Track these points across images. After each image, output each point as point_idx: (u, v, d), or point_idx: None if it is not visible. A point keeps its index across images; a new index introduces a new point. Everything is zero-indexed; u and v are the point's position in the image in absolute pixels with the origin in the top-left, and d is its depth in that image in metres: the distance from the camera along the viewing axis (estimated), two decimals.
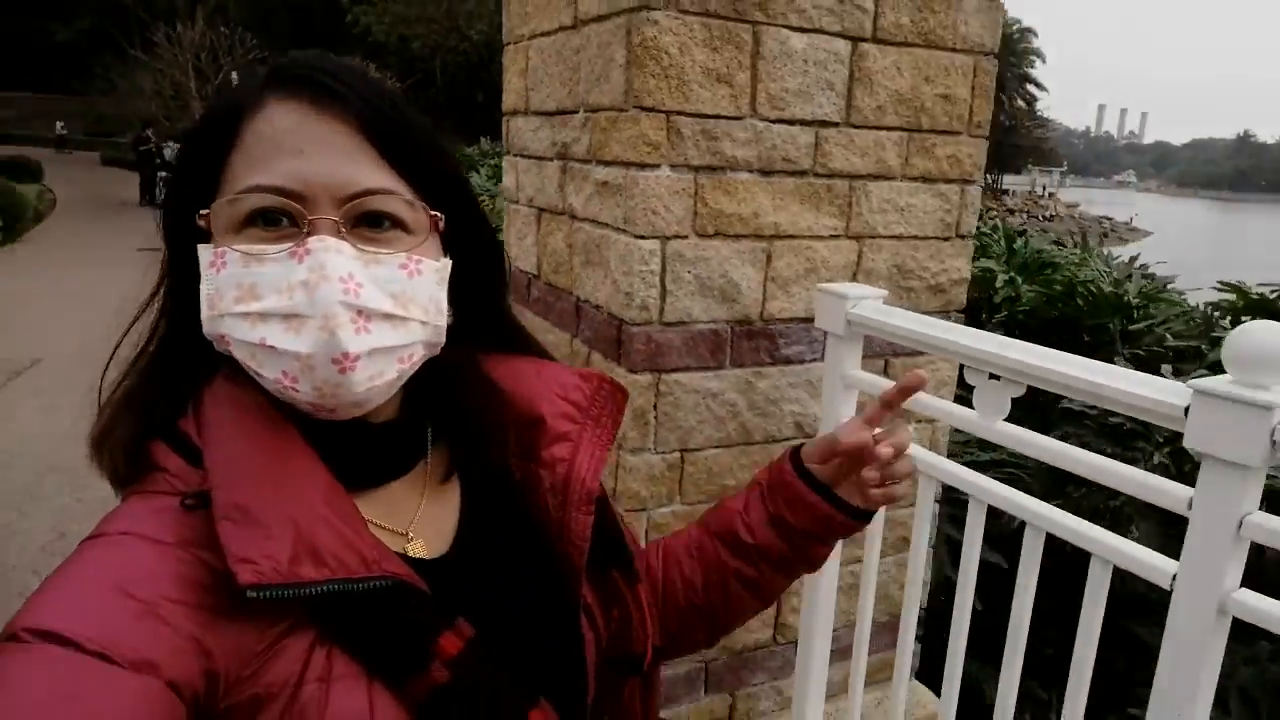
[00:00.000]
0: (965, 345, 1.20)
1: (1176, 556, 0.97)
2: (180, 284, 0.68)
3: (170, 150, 17.30)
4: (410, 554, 0.68)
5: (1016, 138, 51.73)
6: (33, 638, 0.52)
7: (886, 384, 1.35)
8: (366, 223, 0.64)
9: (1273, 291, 2.98)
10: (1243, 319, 2.95)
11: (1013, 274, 3.41)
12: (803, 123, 1.57)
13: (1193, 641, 0.99)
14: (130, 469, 0.64)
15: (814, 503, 0.86)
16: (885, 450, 0.82)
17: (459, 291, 0.71)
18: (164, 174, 16.48)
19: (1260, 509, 0.90)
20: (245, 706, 0.57)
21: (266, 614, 0.58)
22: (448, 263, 0.69)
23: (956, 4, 1.64)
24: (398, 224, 0.65)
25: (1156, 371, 2.41)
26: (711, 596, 0.91)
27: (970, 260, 1.80)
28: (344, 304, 0.60)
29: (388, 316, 0.63)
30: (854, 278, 1.68)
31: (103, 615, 0.53)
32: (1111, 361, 1.64)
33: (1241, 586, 0.93)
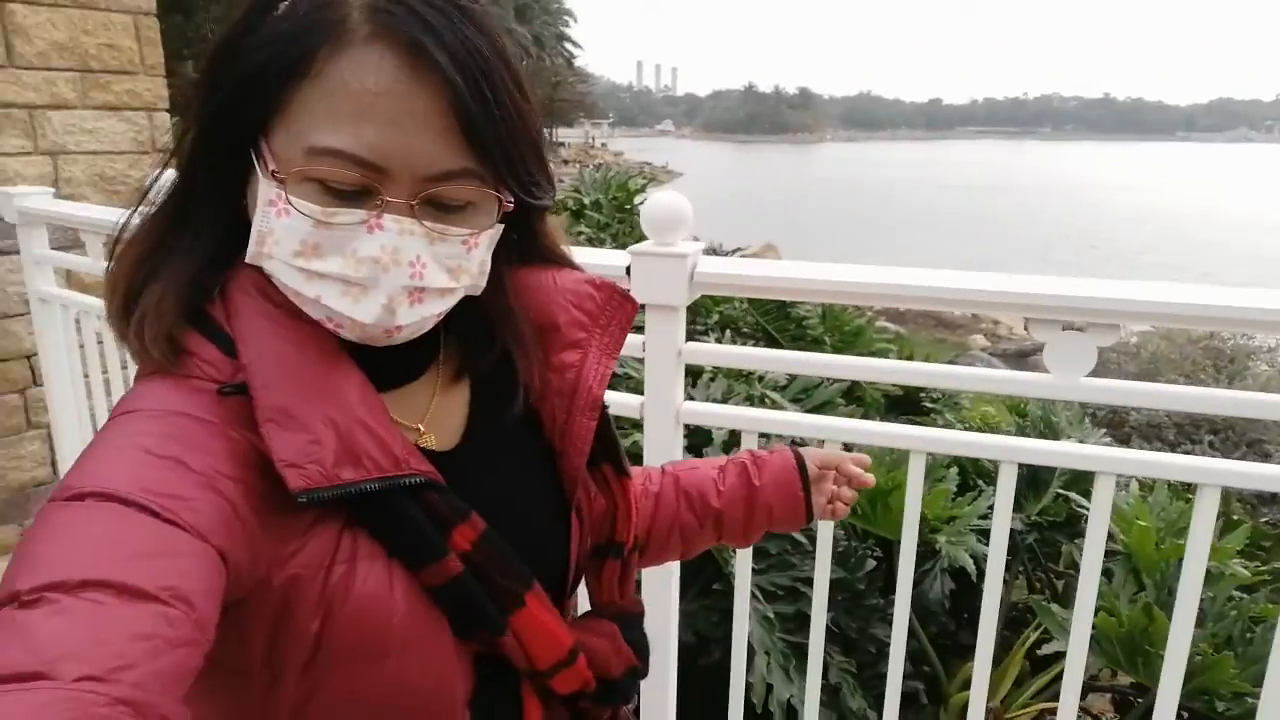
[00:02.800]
0: None
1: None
2: (210, 177, 0.67)
3: None
4: (423, 446, 0.70)
5: (564, 92, 55.86)
6: (92, 499, 0.52)
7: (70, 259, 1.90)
8: (438, 203, 0.64)
9: None
10: None
11: None
12: None
13: (662, 445, 1.35)
14: (164, 351, 0.63)
15: (797, 495, 0.99)
16: (868, 478, 1.02)
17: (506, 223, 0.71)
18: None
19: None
20: (285, 585, 0.60)
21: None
22: (500, 228, 0.70)
23: None
24: (470, 205, 0.66)
25: None
26: (650, 535, 0.98)
27: None
28: (408, 288, 0.63)
29: (441, 291, 0.66)
30: (55, 184, 2.20)
31: (163, 480, 0.55)
32: None
33: None
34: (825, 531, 1.42)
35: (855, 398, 3.43)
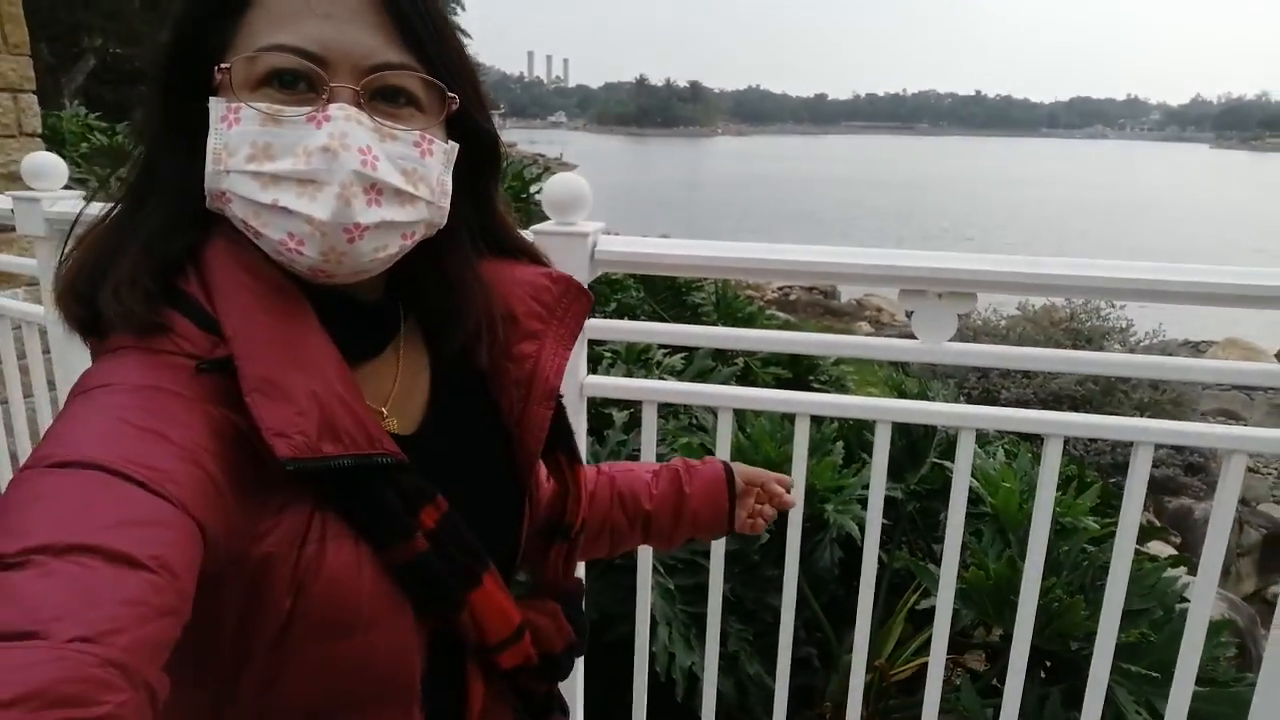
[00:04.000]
0: None
1: None
2: (173, 138, 0.67)
3: None
4: (388, 429, 0.70)
5: None
6: (75, 467, 0.52)
7: None
8: (384, 97, 0.66)
9: None
10: None
11: None
12: None
13: (571, 411, 1.44)
14: (144, 314, 0.62)
15: (723, 506, 1.04)
16: (789, 499, 1.08)
17: (456, 180, 0.72)
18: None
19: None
20: (259, 562, 0.61)
21: (277, 480, 0.61)
22: (455, 146, 0.71)
23: None
24: (413, 101, 0.67)
25: None
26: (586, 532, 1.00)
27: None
28: (360, 174, 0.63)
29: (398, 192, 0.65)
30: None
31: (146, 451, 0.54)
32: None
33: None
34: None
35: (749, 381, 3.56)
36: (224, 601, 0.60)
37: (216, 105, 0.64)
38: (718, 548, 1.49)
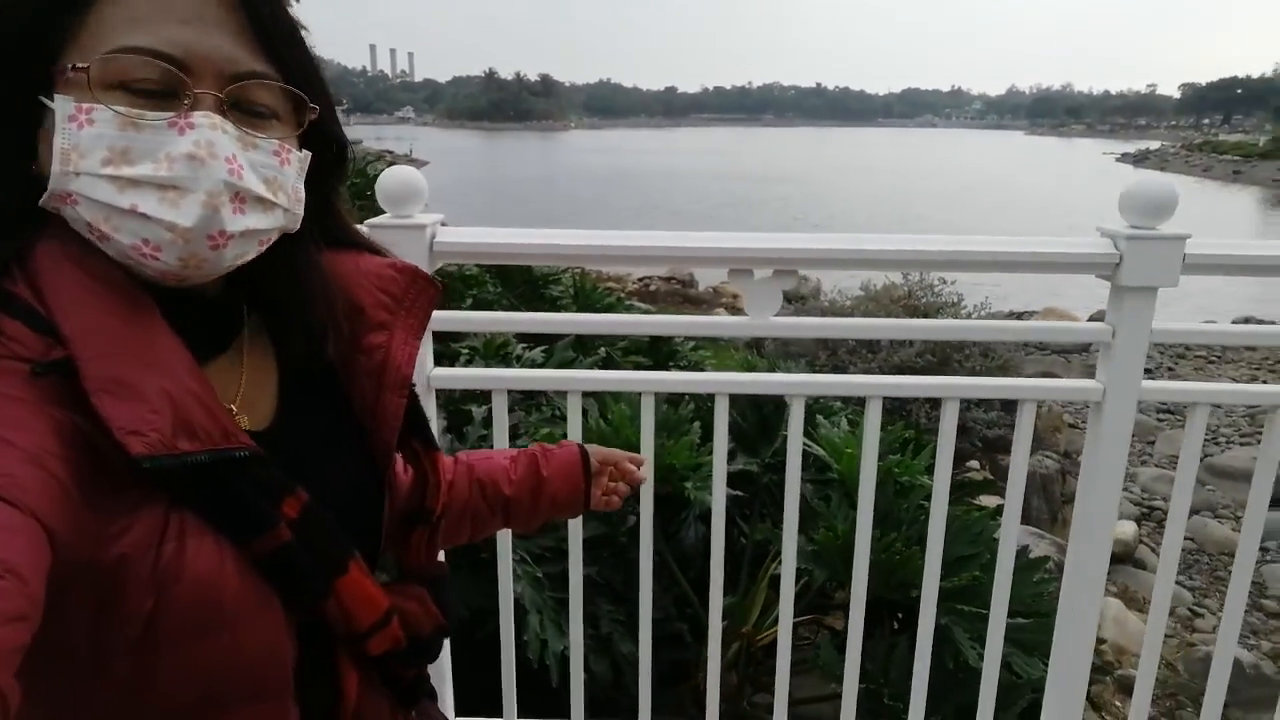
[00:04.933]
0: None
1: None
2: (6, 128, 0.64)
3: None
4: (240, 426, 0.69)
5: None
6: None
7: None
8: (244, 107, 0.66)
9: None
10: None
11: None
12: None
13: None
14: None
15: (579, 486, 1.09)
16: (640, 475, 1.15)
17: (305, 183, 0.73)
18: None
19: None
20: (112, 565, 0.59)
21: (127, 481, 0.60)
22: (308, 155, 0.73)
23: None
24: (273, 112, 0.68)
25: None
26: (446, 519, 1.02)
27: None
28: (229, 183, 0.63)
29: (260, 200, 0.66)
30: None
31: None
32: None
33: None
34: None
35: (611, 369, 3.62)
36: (76, 607, 0.59)
37: (64, 104, 0.62)
38: (576, 533, 1.53)
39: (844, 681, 1.64)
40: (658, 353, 4.08)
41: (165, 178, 0.62)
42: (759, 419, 2.94)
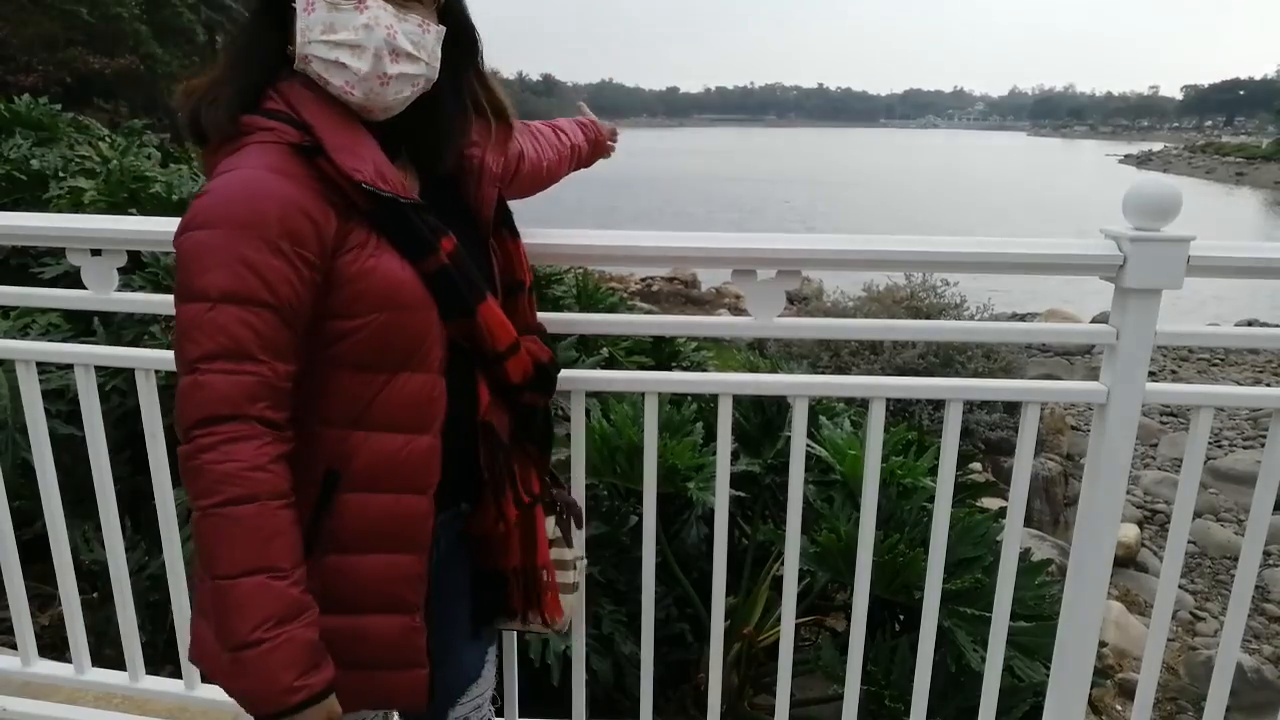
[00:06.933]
0: None
1: None
2: (265, 19, 1.08)
3: None
4: None
5: None
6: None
7: None
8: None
9: None
10: None
11: None
12: None
13: None
14: (241, 117, 1.04)
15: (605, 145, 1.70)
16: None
17: (444, 62, 1.13)
18: None
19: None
20: (341, 265, 1.03)
21: (350, 214, 1.04)
22: (443, 29, 1.12)
23: None
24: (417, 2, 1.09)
25: None
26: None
27: None
28: (387, 42, 1.04)
29: (409, 55, 1.07)
30: None
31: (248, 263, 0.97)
32: None
33: None
34: (579, 482, 1.55)
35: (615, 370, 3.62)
36: (318, 295, 1.02)
37: (301, 1, 1.04)
38: (578, 533, 1.53)
39: (846, 683, 1.64)
40: (660, 353, 4.08)
41: (352, 40, 1.03)
42: (762, 420, 2.94)
